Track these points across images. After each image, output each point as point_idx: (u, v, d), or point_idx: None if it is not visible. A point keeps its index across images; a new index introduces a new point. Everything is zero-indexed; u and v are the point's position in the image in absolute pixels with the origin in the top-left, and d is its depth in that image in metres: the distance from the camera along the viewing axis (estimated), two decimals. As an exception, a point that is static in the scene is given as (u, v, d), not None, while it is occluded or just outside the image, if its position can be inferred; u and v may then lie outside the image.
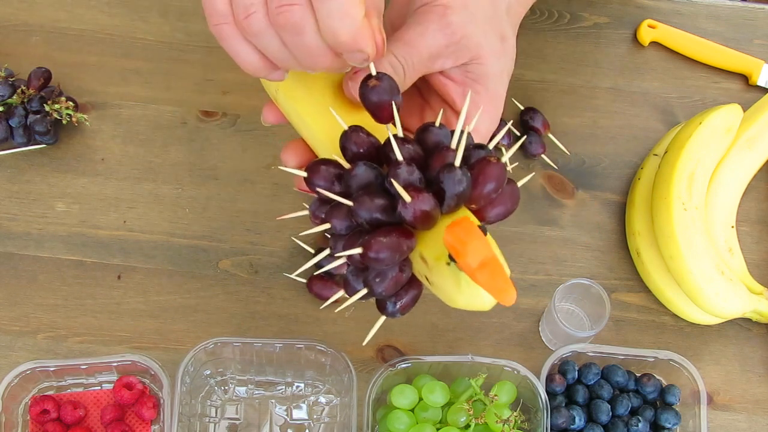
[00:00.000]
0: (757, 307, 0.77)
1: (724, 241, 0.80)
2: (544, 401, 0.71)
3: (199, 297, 0.79)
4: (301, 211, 0.50)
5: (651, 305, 0.81)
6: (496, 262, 0.42)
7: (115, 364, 0.74)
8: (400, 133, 0.47)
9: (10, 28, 0.86)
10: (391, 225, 0.45)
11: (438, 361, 0.73)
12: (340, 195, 0.46)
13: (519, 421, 0.70)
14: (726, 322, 0.79)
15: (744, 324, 0.80)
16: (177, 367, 0.71)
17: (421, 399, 0.71)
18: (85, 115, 0.81)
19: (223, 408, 0.76)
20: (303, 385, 0.77)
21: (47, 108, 0.79)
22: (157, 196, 0.82)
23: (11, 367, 0.72)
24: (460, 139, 0.45)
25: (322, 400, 0.77)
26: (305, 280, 0.78)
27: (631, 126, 0.86)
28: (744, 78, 0.88)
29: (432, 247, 0.45)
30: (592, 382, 0.76)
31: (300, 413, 0.77)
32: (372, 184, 0.46)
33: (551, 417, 0.72)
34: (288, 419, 0.76)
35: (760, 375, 0.79)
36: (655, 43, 0.89)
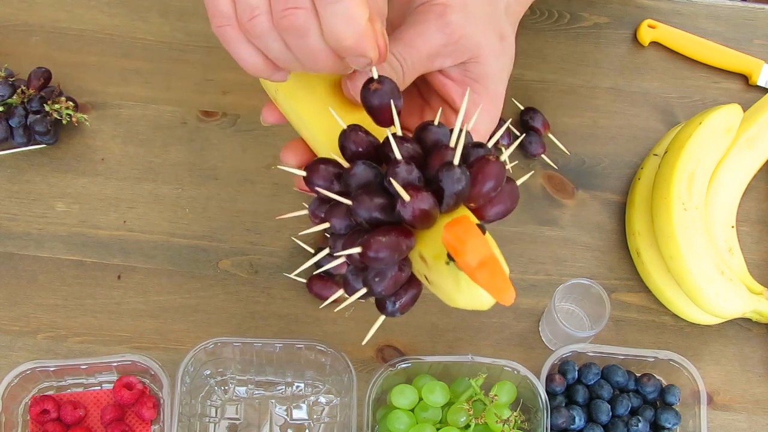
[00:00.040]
0: (757, 307, 0.77)
1: (724, 241, 0.79)
2: (544, 401, 0.71)
3: (199, 297, 0.79)
4: (301, 210, 0.50)
5: (651, 305, 0.81)
6: (495, 261, 0.42)
7: (115, 364, 0.74)
8: (400, 133, 0.47)
9: (10, 28, 0.86)
10: (390, 224, 0.45)
11: (438, 361, 0.73)
12: (339, 194, 0.46)
13: (519, 421, 0.69)
14: (726, 322, 0.79)
15: (744, 324, 0.80)
16: (177, 367, 0.71)
17: (421, 399, 0.71)
18: (85, 115, 0.81)
19: (223, 408, 0.76)
20: (303, 385, 0.77)
21: (47, 108, 0.79)
22: (157, 196, 0.82)
23: (11, 367, 0.72)
24: (459, 138, 0.45)
25: (322, 400, 0.77)
26: (305, 280, 0.78)
27: (631, 126, 0.86)
28: (744, 78, 0.88)
29: (431, 246, 0.45)
30: (592, 382, 0.76)
31: (300, 413, 0.77)
32: (371, 183, 0.46)
33: (551, 417, 0.72)
34: (288, 419, 0.76)
35: (760, 375, 0.79)
36: (655, 43, 0.88)
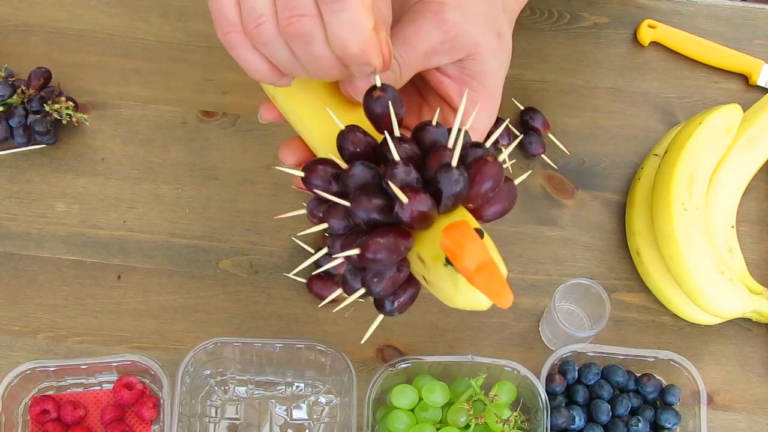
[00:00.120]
0: (757, 307, 0.77)
1: (724, 241, 0.79)
2: (544, 401, 0.71)
3: (199, 297, 0.79)
4: (299, 210, 0.50)
5: (651, 305, 0.81)
6: (493, 265, 0.42)
7: (115, 364, 0.74)
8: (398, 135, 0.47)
9: (10, 28, 0.86)
10: (388, 225, 0.45)
11: (438, 361, 0.73)
12: (337, 195, 0.46)
13: (519, 421, 0.69)
14: (726, 322, 0.79)
15: (744, 324, 0.80)
16: (177, 367, 0.71)
17: (421, 399, 0.71)
18: (85, 115, 0.82)
19: (223, 408, 0.76)
20: (303, 385, 0.77)
21: (47, 108, 0.79)
22: (157, 196, 0.82)
23: (11, 367, 0.72)
24: (457, 139, 0.45)
25: (322, 400, 0.77)
26: (305, 280, 0.78)
27: (631, 126, 0.86)
28: (744, 78, 0.88)
29: (429, 247, 0.45)
30: (592, 382, 0.76)
31: (300, 413, 0.77)
32: (369, 184, 0.46)
33: (551, 417, 0.72)
34: (288, 419, 0.76)
35: (760, 375, 0.79)
36: (655, 43, 0.88)
